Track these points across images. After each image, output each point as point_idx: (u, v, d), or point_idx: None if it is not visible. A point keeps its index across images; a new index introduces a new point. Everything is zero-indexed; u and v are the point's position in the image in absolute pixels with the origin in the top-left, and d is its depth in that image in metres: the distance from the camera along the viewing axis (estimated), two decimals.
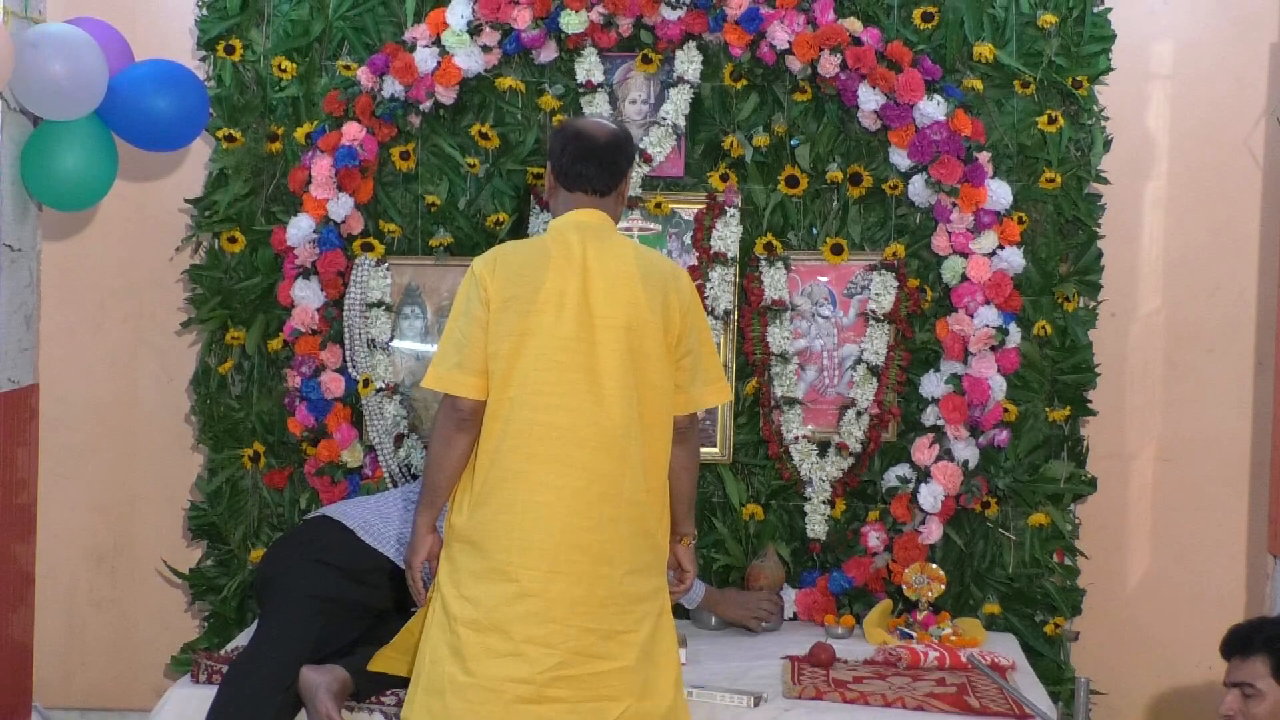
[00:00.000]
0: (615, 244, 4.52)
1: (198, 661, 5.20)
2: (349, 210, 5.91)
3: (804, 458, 5.89)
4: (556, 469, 4.35)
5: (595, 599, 4.35)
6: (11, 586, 5.75)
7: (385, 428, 5.96)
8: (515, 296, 4.38)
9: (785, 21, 5.73)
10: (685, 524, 4.70)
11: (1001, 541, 5.91)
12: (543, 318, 4.37)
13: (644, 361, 4.41)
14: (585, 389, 4.36)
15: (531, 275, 4.41)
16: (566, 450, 4.35)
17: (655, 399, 4.44)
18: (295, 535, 5.31)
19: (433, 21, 5.87)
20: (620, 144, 4.62)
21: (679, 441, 4.56)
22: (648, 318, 4.41)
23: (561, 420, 4.35)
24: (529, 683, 4.30)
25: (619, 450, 4.37)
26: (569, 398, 4.36)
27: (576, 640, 4.32)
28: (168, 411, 6.30)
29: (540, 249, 4.48)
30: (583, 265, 4.42)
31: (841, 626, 5.74)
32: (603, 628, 4.35)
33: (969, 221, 5.72)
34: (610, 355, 4.37)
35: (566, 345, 4.36)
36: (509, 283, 4.40)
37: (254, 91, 6.07)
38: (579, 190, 4.56)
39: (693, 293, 4.56)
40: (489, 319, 4.39)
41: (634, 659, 4.37)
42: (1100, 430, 5.98)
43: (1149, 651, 6.11)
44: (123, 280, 6.29)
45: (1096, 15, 5.83)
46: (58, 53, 5.35)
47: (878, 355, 5.86)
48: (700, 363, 4.55)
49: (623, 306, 4.40)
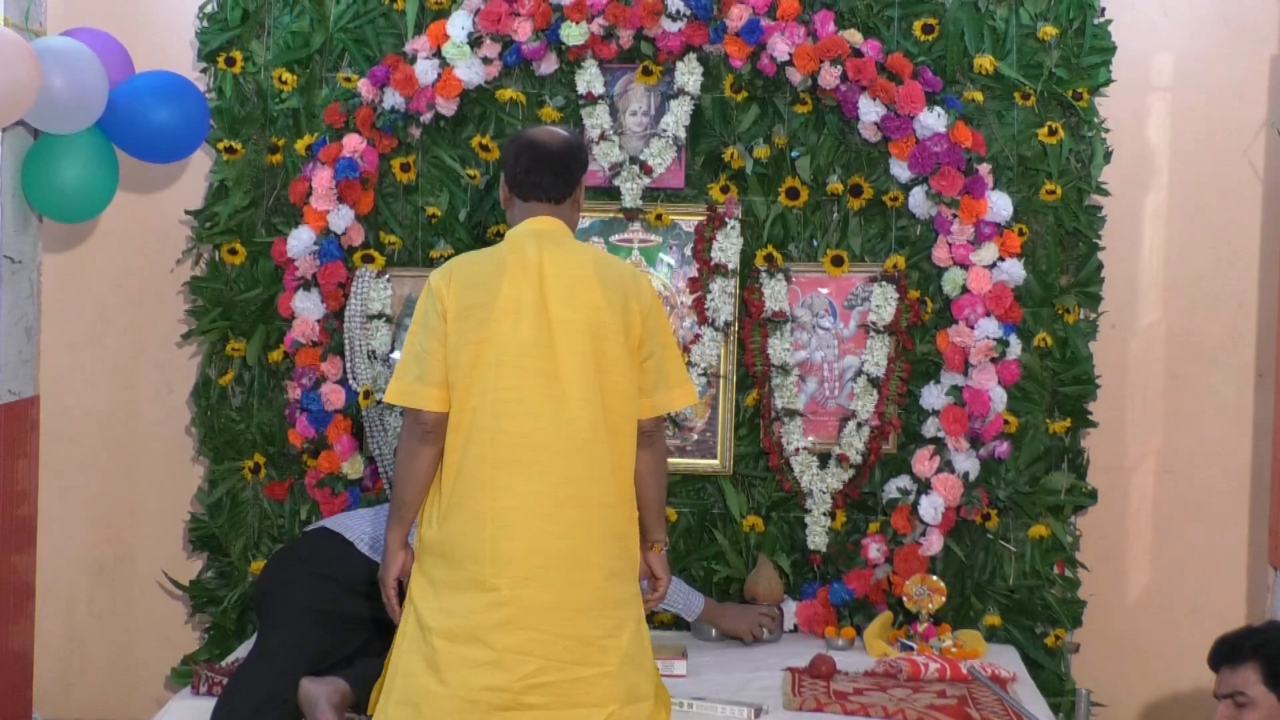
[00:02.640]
0: (572, 249, 4.54)
1: (198, 673, 5.21)
2: (349, 222, 5.91)
3: (804, 469, 5.89)
4: (522, 475, 4.35)
5: (571, 604, 4.34)
6: (12, 598, 5.74)
7: (386, 439, 5.96)
8: (472, 305, 4.40)
9: (786, 33, 5.74)
10: (655, 530, 4.68)
11: (1002, 553, 5.90)
12: (500, 325, 4.38)
13: (606, 365, 4.41)
14: (547, 394, 4.36)
15: (488, 284, 4.43)
16: (531, 455, 4.35)
17: (619, 403, 4.44)
18: (294, 548, 5.31)
19: (433, 33, 5.88)
20: (573, 151, 4.64)
21: (644, 446, 4.54)
22: (608, 321, 4.41)
23: (525, 426, 4.35)
24: (505, 690, 4.29)
25: (585, 454, 4.37)
26: (531, 403, 4.36)
27: (552, 647, 4.31)
28: (168, 423, 6.29)
29: (496, 258, 4.50)
30: (539, 272, 4.43)
31: (842, 638, 5.74)
32: (580, 633, 4.34)
33: (969, 233, 5.73)
34: (571, 360, 4.37)
35: (525, 351, 4.36)
36: (465, 292, 4.42)
37: (255, 103, 6.07)
38: (534, 199, 4.58)
39: (653, 296, 4.56)
40: (446, 330, 4.40)
41: (617, 664, 4.36)
42: (1101, 442, 5.98)
43: (1149, 663, 6.11)
44: (123, 292, 6.28)
45: (1097, 27, 5.83)
46: (57, 67, 5.35)
47: (878, 367, 5.86)
48: (664, 366, 4.54)
49: (582, 311, 4.41)
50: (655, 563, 4.70)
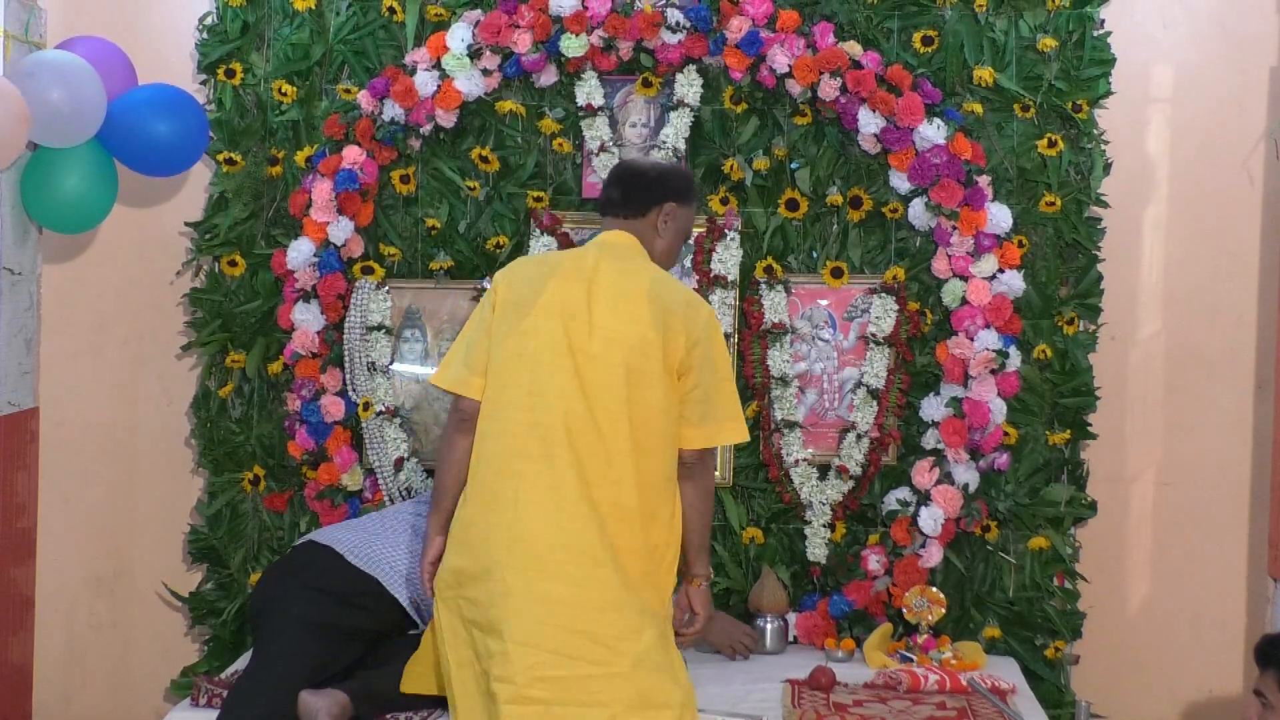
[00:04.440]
0: (634, 264, 4.59)
1: (198, 685, 5.21)
2: (349, 233, 5.91)
3: (804, 481, 5.89)
4: (548, 469, 4.35)
5: (586, 601, 4.32)
6: (11, 610, 5.74)
7: (385, 451, 5.96)
8: (518, 301, 4.48)
9: (785, 45, 5.74)
10: (696, 564, 4.64)
11: (1002, 565, 5.90)
12: (540, 321, 4.43)
13: (641, 379, 4.41)
14: (578, 394, 4.37)
15: (537, 282, 4.51)
16: (557, 452, 4.36)
17: (651, 419, 4.42)
18: (285, 563, 5.31)
19: (433, 45, 5.88)
20: (656, 175, 4.77)
21: (686, 478, 4.53)
22: (650, 337, 4.41)
23: (555, 422, 4.36)
24: (510, 682, 4.29)
25: (610, 461, 4.37)
26: (562, 400, 4.37)
27: (560, 641, 4.29)
28: (168, 435, 6.29)
29: (554, 260, 4.63)
30: (591, 277, 4.48)
31: (842, 650, 5.73)
32: (593, 630, 4.31)
33: (969, 245, 5.73)
34: (606, 366, 4.39)
35: (561, 350, 4.39)
36: (514, 288, 4.53)
37: (254, 115, 6.08)
38: (608, 213, 4.72)
39: (711, 329, 4.53)
40: (493, 321, 4.50)
41: (628, 667, 4.32)
42: (1100, 453, 5.98)
43: (1149, 675, 6.10)
44: (123, 303, 6.28)
45: (1096, 39, 5.84)
46: (56, 82, 5.35)
47: (878, 378, 5.86)
48: (712, 398, 4.51)
49: (625, 323, 4.42)
50: (694, 597, 4.66)
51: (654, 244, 4.69)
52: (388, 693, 4.93)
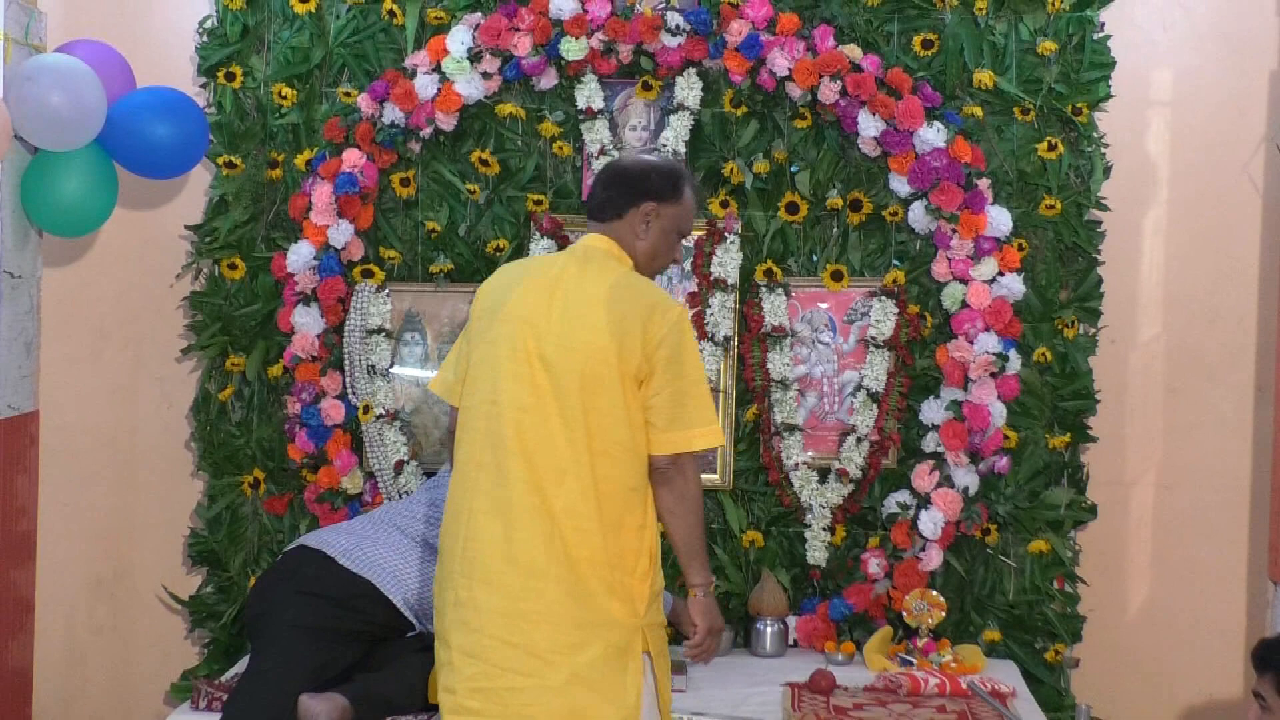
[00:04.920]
0: (598, 269, 4.46)
1: (198, 688, 5.22)
2: (349, 237, 5.91)
3: (804, 484, 5.89)
4: (497, 478, 4.32)
5: (520, 612, 4.27)
6: (11, 613, 5.74)
7: (385, 454, 5.96)
8: (489, 308, 4.47)
9: (785, 48, 5.74)
10: (690, 574, 4.49)
11: (1002, 568, 5.90)
12: (503, 328, 4.39)
13: (598, 386, 4.32)
14: (533, 403, 4.33)
15: (507, 288, 4.47)
16: (508, 461, 4.32)
17: (611, 427, 4.33)
18: (277, 569, 5.29)
19: (433, 48, 5.88)
20: (637, 173, 4.60)
21: (660, 483, 4.40)
22: (604, 343, 4.32)
23: (508, 431, 4.32)
24: (452, 692, 4.30)
25: (558, 469, 4.30)
26: (516, 410, 4.33)
27: (497, 653, 4.26)
28: (168, 438, 6.29)
29: (529, 265, 4.60)
30: (555, 284, 4.42)
31: (842, 653, 5.73)
32: (527, 643, 4.26)
33: (969, 248, 5.73)
34: (562, 374, 4.32)
35: (520, 358, 4.35)
36: (490, 294, 4.51)
37: (254, 118, 6.08)
38: (592, 219, 4.60)
39: (678, 332, 4.38)
40: (469, 329, 4.52)
41: (560, 681, 4.24)
42: (1100, 457, 5.98)
43: (1149, 678, 6.10)
44: (123, 307, 6.28)
45: (1096, 42, 5.84)
46: (56, 85, 5.35)
47: (878, 381, 5.86)
48: (681, 403, 4.37)
49: (581, 329, 4.34)
50: (692, 609, 4.52)
51: (635, 246, 4.55)
52: (387, 695, 4.93)
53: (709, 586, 4.53)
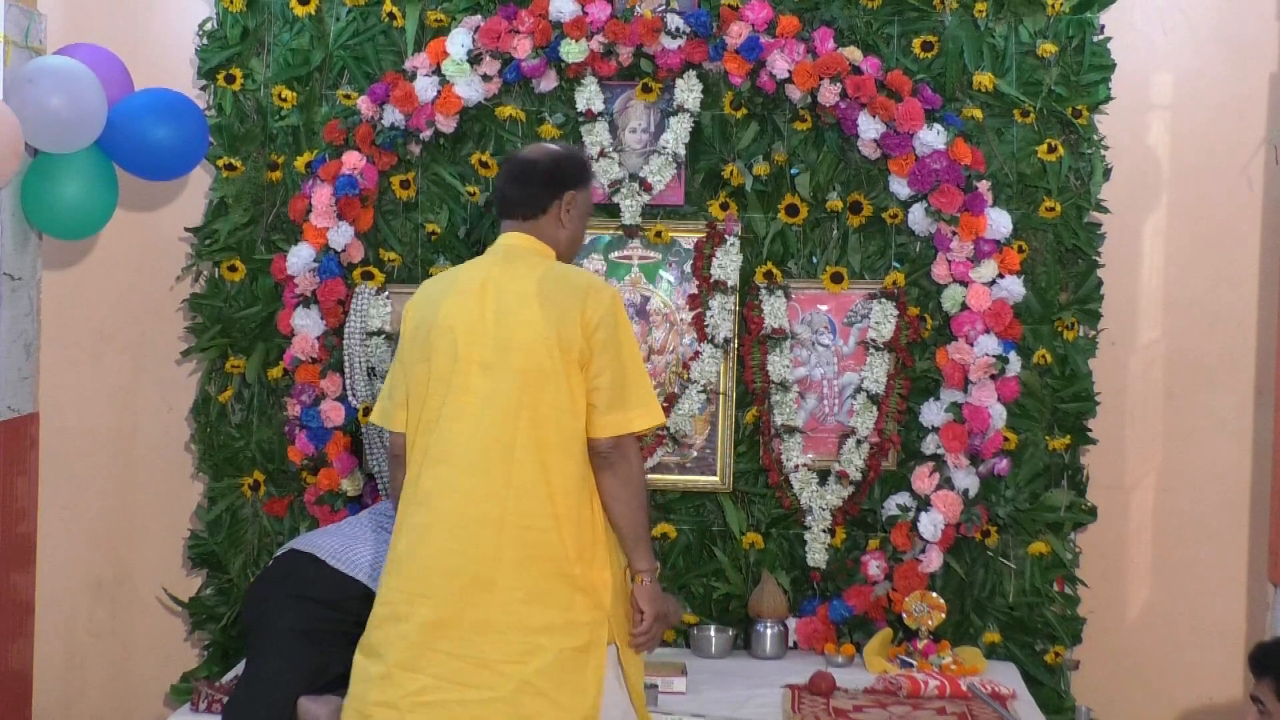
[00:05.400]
0: (523, 266, 4.46)
1: (198, 690, 5.22)
2: (349, 239, 5.91)
3: (804, 486, 5.89)
4: (441, 492, 4.32)
5: (465, 624, 4.26)
6: (11, 616, 5.74)
7: (385, 456, 5.95)
8: (420, 324, 4.45)
9: (785, 50, 5.75)
10: (634, 559, 4.46)
11: (1002, 570, 5.90)
12: (438, 341, 4.37)
13: (542, 380, 4.32)
14: (471, 411, 4.32)
15: (436, 301, 4.46)
16: (450, 473, 4.31)
17: (557, 419, 4.32)
18: (268, 575, 5.28)
19: (433, 51, 5.88)
20: (551, 165, 4.59)
21: (603, 468, 4.38)
22: (544, 334, 4.32)
23: (447, 443, 4.33)
24: (393, 707, 4.26)
25: (503, 474, 4.29)
26: (456, 421, 4.33)
27: (442, 666, 4.25)
28: (168, 440, 6.29)
29: (454, 275, 4.55)
30: (482, 288, 4.41)
31: (842, 655, 5.73)
32: (476, 655, 4.25)
33: (969, 250, 5.73)
34: (501, 377, 4.32)
35: (457, 369, 4.34)
36: (416, 312, 4.50)
37: (254, 120, 6.08)
38: (503, 215, 4.59)
39: (613, 312, 4.39)
40: (401, 350, 4.48)
41: (509, 690, 4.24)
42: (1100, 459, 5.98)
43: (1149, 680, 6.09)
44: (123, 309, 6.28)
45: (1096, 45, 5.84)
46: (56, 88, 5.35)
47: (878, 384, 5.86)
48: (621, 384, 4.37)
49: (517, 326, 4.35)
50: (639, 596, 4.47)
51: (559, 237, 4.56)
52: None
53: (654, 572, 4.50)
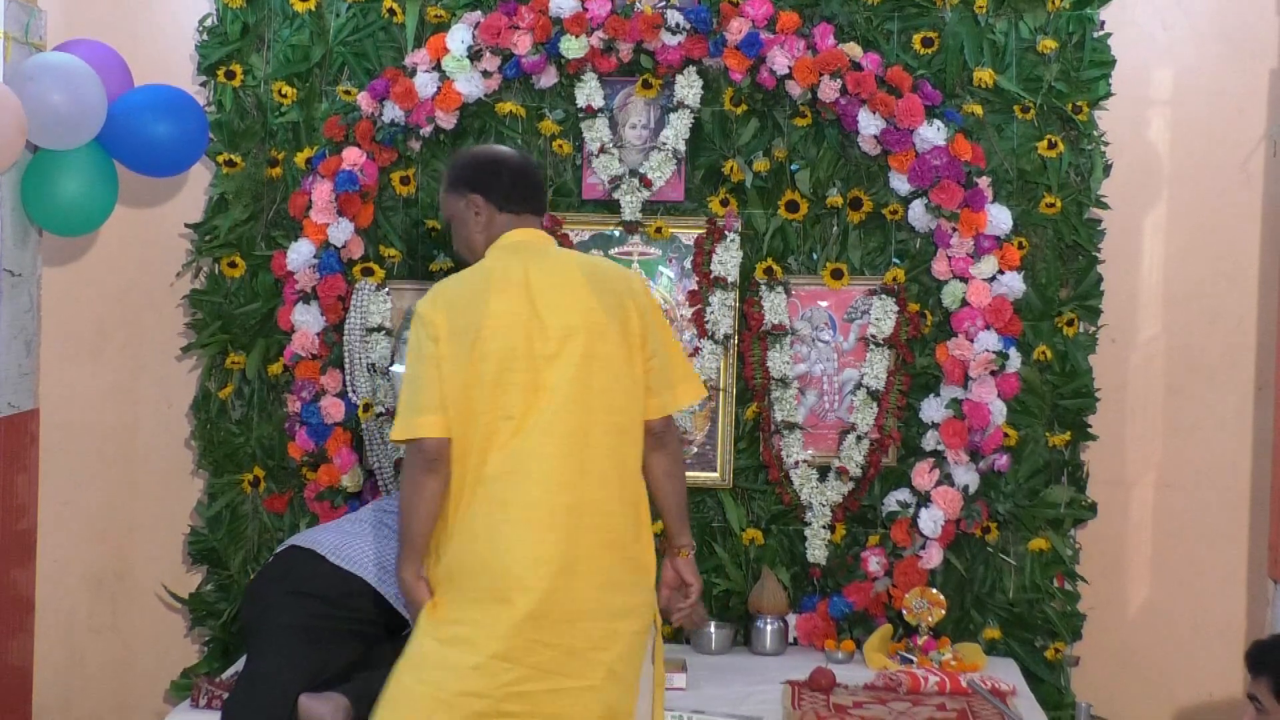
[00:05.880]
0: (557, 257, 4.54)
1: (198, 686, 5.22)
2: (349, 235, 5.91)
3: (804, 482, 5.89)
4: (517, 486, 4.29)
5: (558, 614, 4.27)
6: (11, 612, 5.74)
7: (385, 452, 5.96)
8: (463, 326, 4.33)
9: (785, 46, 5.74)
10: (681, 535, 4.61)
11: (1002, 566, 5.90)
12: (492, 343, 4.31)
13: (604, 366, 4.35)
14: (540, 405, 4.30)
15: (476, 302, 4.37)
16: (526, 466, 4.28)
17: (623, 404, 4.38)
18: (269, 571, 5.27)
19: (433, 47, 5.88)
20: (535, 165, 4.91)
21: (656, 448, 4.49)
22: (603, 321, 4.36)
23: (519, 440, 4.29)
24: (485, 696, 4.24)
25: (579, 460, 4.31)
26: (527, 417, 4.30)
27: (536, 655, 4.25)
28: (168, 436, 6.29)
29: (481, 275, 4.46)
30: (525, 282, 4.39)
31: (842, 651, 5.73)
32: (567, 644, 4.27)
33: (969, 246, 5.73)
34: (565, 367, 4.31)
35: (517, 365, 4.30)
36: (455, 314, 4.35)
37: (254, 116, 6.07)
38: (526, 211, 4.59)
39: (649, 295, 4.55)
40: (440, 354, 4.32)
41: (600, 679, 4.29)
42: (1100, 455, 5.98)
43: (1149, 676, 6.10)
44: (123, 305, 6.28)
45: (1096, 41, 5.84)
46: (56, 84, 5.35)
47: (878, 380, 5.86)
48: (668, 363, 4.49)
49: (574, 315, 4.35)
50: (684, 568, 4.61)
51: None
52: None
53: (694, 546, 4.68)
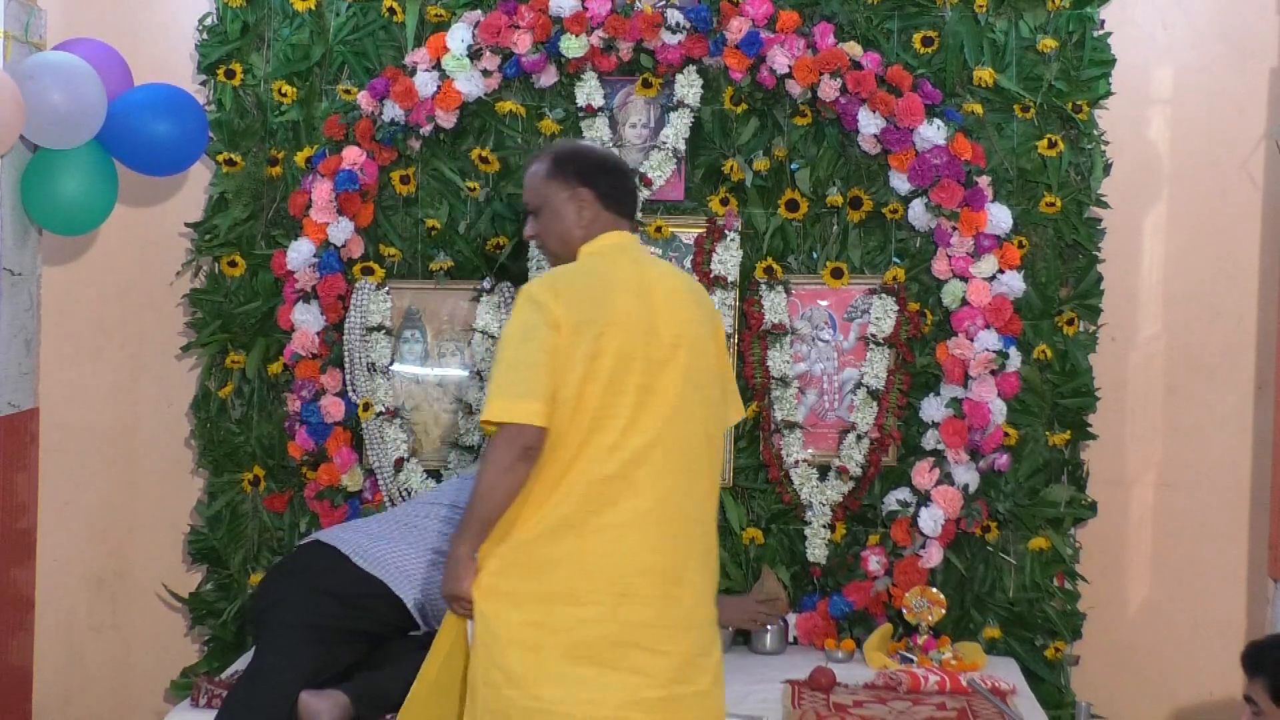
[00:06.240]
0: (662, 265, 4.55)
1: (198, 685, 5.21)
2: (349, 234, 5.91)
3: (804, 481, 5.89)
4: (629, 491, 4.21)
5: (669, 622, 4.23)
6: (11, 611, 5.74)
7: (385, 451, 5.96)
8: (586, 321, 4.20)
9: (785, 46, 5.74)
10: None
11: (1002, 565, 5.90)
12: (613, 341, 4.21)
13: (703, 380, 4.34)
14: (654, 410, 4.25)
15: (599, 299, 4.26)
16: (638, 472, 4.22)
17: (715, 416, 4.40)
18: (289, 563, 5.27)
19: (433, 46, 5.88)
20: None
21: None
22: (704, 335, 4.37)
23: (633, 443, 4.22)
24: (604, 705, 4.15)
25: (688, 471, 4.29)
26: (639, 420, 4.23)
27: (653, 664, 4.19)
28: (168, 436, 6.29)
29: (600, 273, 4.35)
30: (641, 285, 4.32)
31: (842, 651, 5.73)
32: (680, 650, 4.23)
33: (969, 245, 5.73)
34: (676, 375, 4.27)
35: (634, 367, 4.22)
36: (577, 307, 4.21)
37: (254, 115, 6.07)
38: (625, 214, 4.49)
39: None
40: (559, 343, 4.18)
41: (708, 684, 4.28)
42: (1100, 454, 5.98)
43: (1149, 676, 6.10)
44: (123, 304, 6.28)
45: (1096, 40, 5.84)
46: (56, 83, 5.35)
47: (878, 379, 5.86)
48: (728, 380, 4.55)
49: (684, 325, 4.32)
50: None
51: None
52: (388, 693, 4.91)
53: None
